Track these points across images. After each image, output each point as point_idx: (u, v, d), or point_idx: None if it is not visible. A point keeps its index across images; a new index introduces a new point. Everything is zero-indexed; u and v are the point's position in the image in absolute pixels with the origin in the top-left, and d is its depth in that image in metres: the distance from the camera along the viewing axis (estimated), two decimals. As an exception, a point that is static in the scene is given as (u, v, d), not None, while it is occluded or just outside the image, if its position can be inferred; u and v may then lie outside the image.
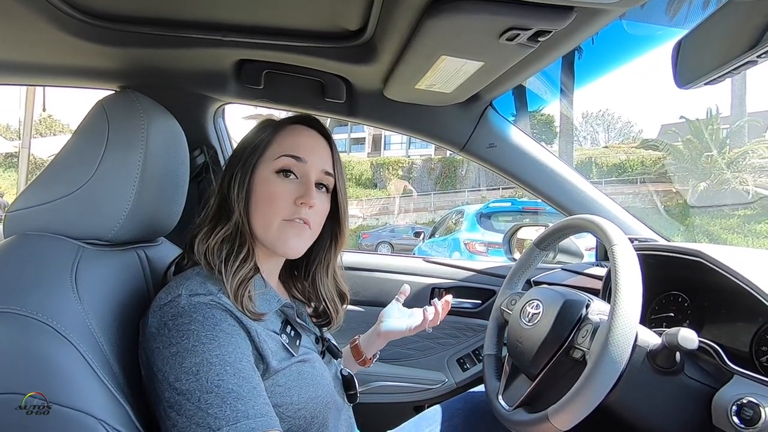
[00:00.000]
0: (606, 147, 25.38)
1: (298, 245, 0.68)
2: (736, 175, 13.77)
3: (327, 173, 0.71)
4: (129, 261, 0.70)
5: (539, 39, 0.67)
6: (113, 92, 0.85)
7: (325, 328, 0.80)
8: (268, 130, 0.71)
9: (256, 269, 0.66)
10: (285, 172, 0.68)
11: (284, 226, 0.67)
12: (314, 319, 0.78)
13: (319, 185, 0.71)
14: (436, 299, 0.94)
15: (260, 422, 0.53)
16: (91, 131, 0.66)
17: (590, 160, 20.48)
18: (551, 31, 0.64)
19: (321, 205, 0.70)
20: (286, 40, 0.88)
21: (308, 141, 0.71)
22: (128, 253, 0.71)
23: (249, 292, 0.62)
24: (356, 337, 0.96)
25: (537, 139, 1.20)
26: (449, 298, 0.95)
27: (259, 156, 0.69)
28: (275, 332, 0.65)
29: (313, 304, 0.79)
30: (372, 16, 0.76)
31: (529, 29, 0.64)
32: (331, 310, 0.78)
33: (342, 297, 0.81)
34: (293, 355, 0.64)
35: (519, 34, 0.65)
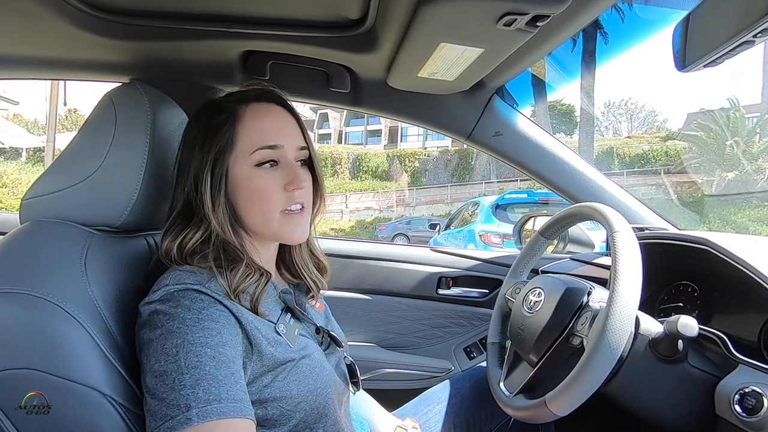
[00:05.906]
0: (629, 137, 24.72)
1: (303, 232, 0.69)
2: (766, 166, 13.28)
3: (302, 148, 0.69)
4: (138, 247, 0.73)
5: (538, 24, 0.66)
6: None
7: (317, 306, 0.79)
8: (227, 123, 0.66)
9: (248, 265, 0.64)
10: (265, 162, 0.66)
11: (284, 219, 0.66)
12: (312, 302, 0.78)
13: (298, 161, 0.69)
14: None
15: (232, 407, 0.51)
16: (99, 122, 0.68)
17: (612, 151, 19.98)
18: (549, 15, 0.63)
19: (308, 181, 0.69)
20: (290, 30, 0.88)
21: (274, 122, 0.68)
22: (138, 239, 0.74)
23: (247, 287, 0.62)
24: None
25: (556, 129, 1.18)
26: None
27: (229, 155, 0.65)
28: (271, 321, 0.64)
29: (297, 281, 0.78)
30: (372, 4, 0.76)
31: (527, 14, 0.63)
32: (308, 279, 0.77)
33: (319, 266, 0.80)
34: (290, 346, 0.63)
35: (516, 19, 0.64)
